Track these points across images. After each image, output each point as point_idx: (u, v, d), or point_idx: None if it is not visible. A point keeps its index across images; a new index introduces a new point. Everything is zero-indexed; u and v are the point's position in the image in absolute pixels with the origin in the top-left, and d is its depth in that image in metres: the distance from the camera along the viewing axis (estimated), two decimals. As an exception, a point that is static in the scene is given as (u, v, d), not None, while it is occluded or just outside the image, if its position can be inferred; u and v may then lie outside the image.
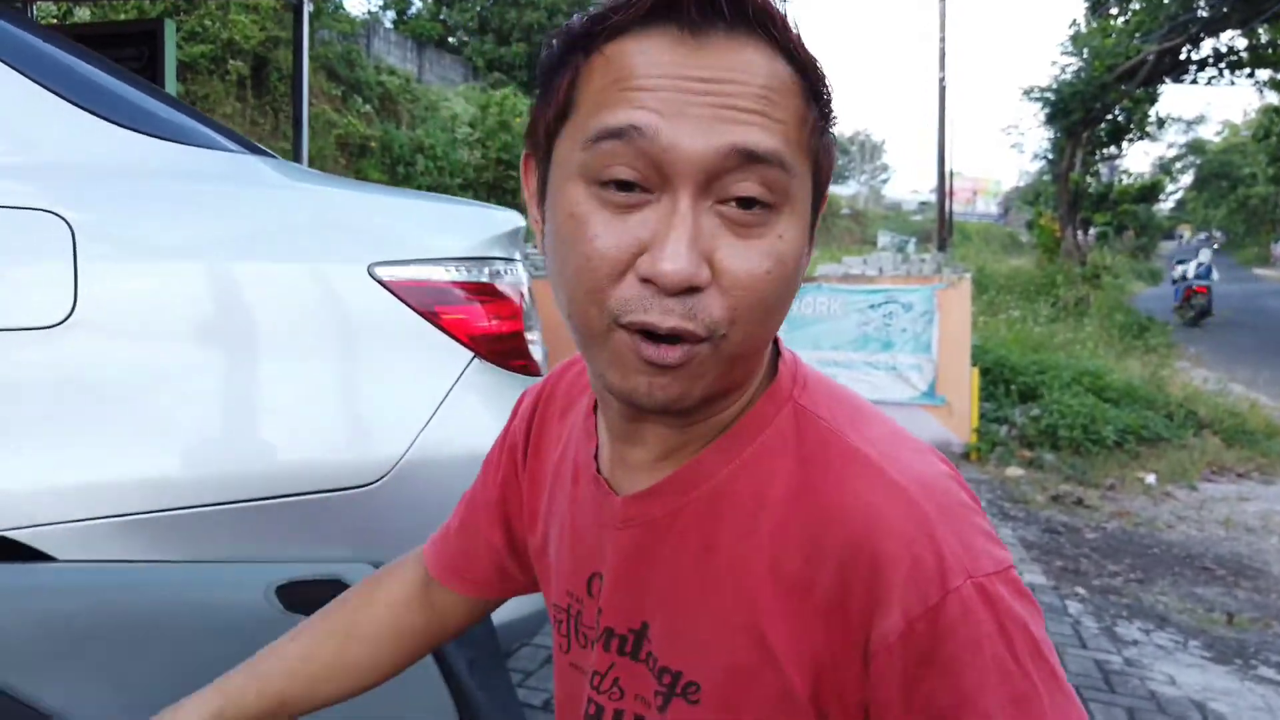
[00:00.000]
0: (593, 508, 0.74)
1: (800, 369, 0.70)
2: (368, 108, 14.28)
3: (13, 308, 1.31)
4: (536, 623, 1.80)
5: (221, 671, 1.04)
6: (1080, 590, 3.89)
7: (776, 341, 0.70)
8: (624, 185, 0.58)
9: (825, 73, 0.62)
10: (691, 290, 0.57)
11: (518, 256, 1.83)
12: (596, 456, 0.75)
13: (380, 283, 1.56)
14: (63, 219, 1.34)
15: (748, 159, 0.57)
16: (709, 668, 0.66)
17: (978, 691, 0.58)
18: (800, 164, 0.60)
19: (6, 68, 1.38)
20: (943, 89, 17.52)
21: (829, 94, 0.62)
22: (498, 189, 14.42)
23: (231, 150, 1.61)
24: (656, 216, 0.57)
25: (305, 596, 1.28)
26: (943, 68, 17.50)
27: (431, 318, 1.62)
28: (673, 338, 0.58)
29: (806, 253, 0.63)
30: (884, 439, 0.65)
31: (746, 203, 0.58)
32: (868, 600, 0.60)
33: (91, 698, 1.05)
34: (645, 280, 0.57)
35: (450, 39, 22.87)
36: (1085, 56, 18.69)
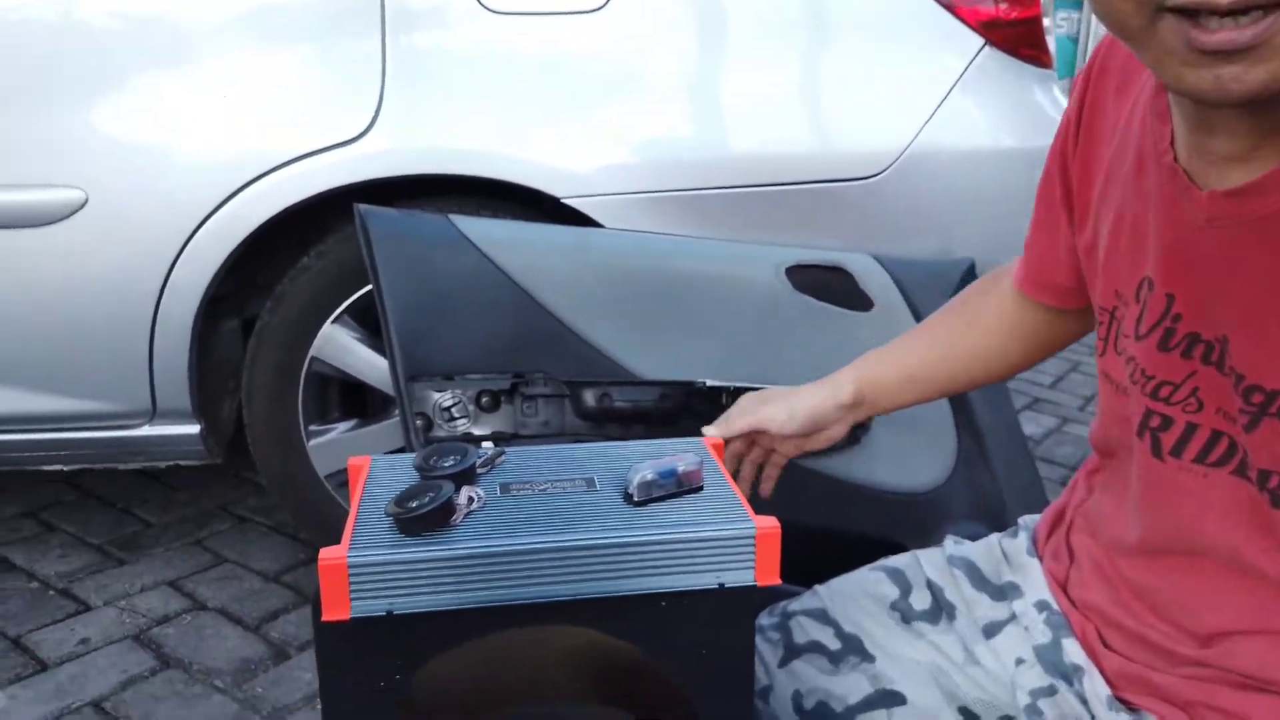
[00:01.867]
0: (1163, 202, 0.66)
1: None
2: None
3: None
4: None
5: (735, 333, 1.19)
6: None
7: None
8: None
9: None
10: None
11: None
12: (1172, 143, 0.65)
13: (893, -39, 1.48)
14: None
15: None
16: None
17: None
18: None
19: None
20: None
21: None
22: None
23: None
24: None
25: (811, 279, 1.34)
26: None
27: (943, 1, 1.51)
28: (1239, 11, 0.48)
29: None
30: None
31: None
32: None
33: (629, 342, 1.21)
34: None
35: None
36: None
